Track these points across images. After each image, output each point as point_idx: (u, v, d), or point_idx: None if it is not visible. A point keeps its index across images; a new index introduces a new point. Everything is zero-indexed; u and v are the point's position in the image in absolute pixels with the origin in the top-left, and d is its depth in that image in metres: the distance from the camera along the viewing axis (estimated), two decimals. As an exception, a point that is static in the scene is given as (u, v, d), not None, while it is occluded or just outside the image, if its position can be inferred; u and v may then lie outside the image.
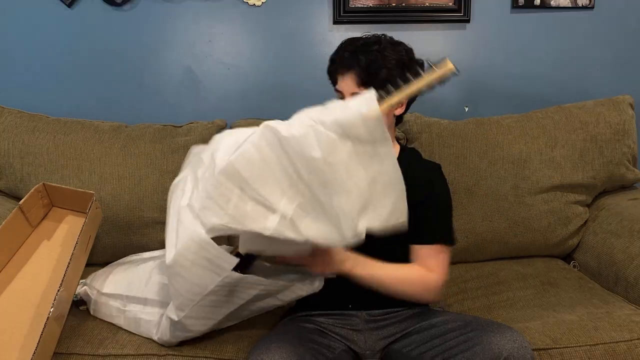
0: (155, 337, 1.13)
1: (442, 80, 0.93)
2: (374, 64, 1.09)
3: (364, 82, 1.10)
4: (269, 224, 0.87)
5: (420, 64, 1.17)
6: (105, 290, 1.23)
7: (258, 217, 0.88)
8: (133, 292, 1.20)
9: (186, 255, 0.93)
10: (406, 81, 0.95)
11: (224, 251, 0.93)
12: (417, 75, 0.95)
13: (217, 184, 0.88)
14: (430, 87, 0.93)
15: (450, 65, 0.91)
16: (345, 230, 0.90)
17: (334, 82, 1.18)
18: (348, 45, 1.15)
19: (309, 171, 0.88)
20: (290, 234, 0.88)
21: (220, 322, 1.09)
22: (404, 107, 1.18)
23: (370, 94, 0.92)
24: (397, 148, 1.24)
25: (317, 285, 1.08)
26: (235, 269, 0.95)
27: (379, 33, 1.17)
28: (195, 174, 0.97)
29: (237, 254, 0.95)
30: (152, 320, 1.15)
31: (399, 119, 1.22)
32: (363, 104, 0.91)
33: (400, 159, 1.21)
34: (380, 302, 1.12)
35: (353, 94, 1.11)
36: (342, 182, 0.90)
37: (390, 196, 0.96)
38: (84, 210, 1.25)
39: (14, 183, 1.54)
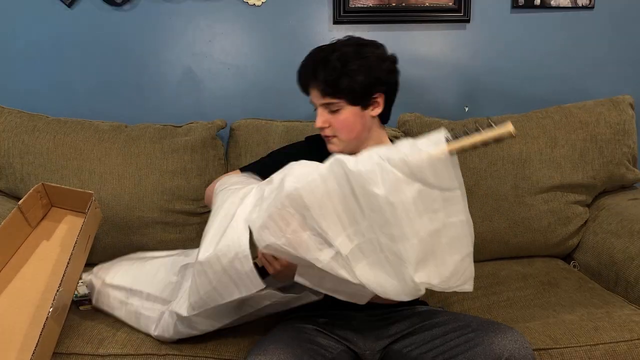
0: (154, 333, 1.14)
1: (498, 140, 0.90)
2: (331, 76, 1.09)
3: (328, 94, 1.11)
4: (322, 257, 0.88)
5: (393, 60, 1.16)
6: (110, 281, 1.23)
7: (313, 247, 0.89)
8: (137, 286, 1.21)
9: (221, 259, 0.93)
10: (464, 133, 0.90)
11: (255, 272, 0.93)
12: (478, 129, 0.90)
13: (281, 206, 0.89)
14: (486, 144, 0.90)
15: (510, 128, 0.87)
16: (404, 281, 0.88)
17: (306, 94, 1.19)
18: (309, 59, 1.16)
19: (371, 209, 0.87)
20: (343, 272, 0.88)
21: (226, 324, 1.10)
22: (381, 107, 1.16)
23: (440, 135, 0.89)
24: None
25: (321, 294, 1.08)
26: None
27: (347, 36, 1.17)
28: (262, 191, 0.97)
29: (254, 265, 0.96)
30: (151, 316, 1.16)
31: (383, 119, 1.21)
32: (432, 145, 0.88)
33: None
34: (380, 302, 1.12)
35: (322, 104, 1.13)
36: (403, 226, 0.87)
37: (454, 255, 0.90)
38: (84, 210, 1.25)
39: (14, 183, 1.54)
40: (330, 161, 0.90)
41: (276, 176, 0.96)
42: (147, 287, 1.19)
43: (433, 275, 0.89)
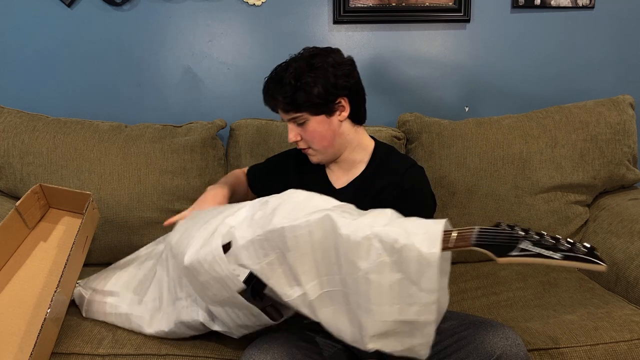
0: (151, 331, 1.15)
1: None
2: (288, 93, 1.12)
3: (289, 110, 1.14)
4: (290, 292, 0.92)
5: (350, 63, 1.16)
6: (102, 287, 1.24)
7: (284, 283, 0.93)
8: (127, 288, 1.22)
9: (202, 264, 0.97)
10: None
11: (232, 273, 0.96)
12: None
13: (264, 238, 0.93)
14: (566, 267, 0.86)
15: (602, 267, 0.82)
16: (360, 338, 0.90)
17: (275, 112, 1.21)
18: (267, 81, 1.18)
19: (348, 274, 0.89)
20: (306, 310, 0.93)
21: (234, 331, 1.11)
22: (347, 110, 1.16)
23: (437, 231, 0.85)
24: (372, 144, 1.25)
25: None
26: (249, 294, 0.99)
27: (303, 48, 1.17)
28: (254, 213, 0.99)
29: (249, 275, 0.98)
30: (142, 317, 1.17)
31: (356, 119, 1.19)
32: (426, 242, 0.84)
33: (373, 156, 1.22)
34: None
35: (289, 120, 1.16)
36: (372, 304, 0.87)
37: (413, 339, 0.89)
38: (81, 211, 1.25)
39: (14, 183, 1.54)
40: (322, 216, 0.91)
41: (272, 200, 0.98)
42: (137, 290, 1.22)
43: (387, 346, 0.90)
